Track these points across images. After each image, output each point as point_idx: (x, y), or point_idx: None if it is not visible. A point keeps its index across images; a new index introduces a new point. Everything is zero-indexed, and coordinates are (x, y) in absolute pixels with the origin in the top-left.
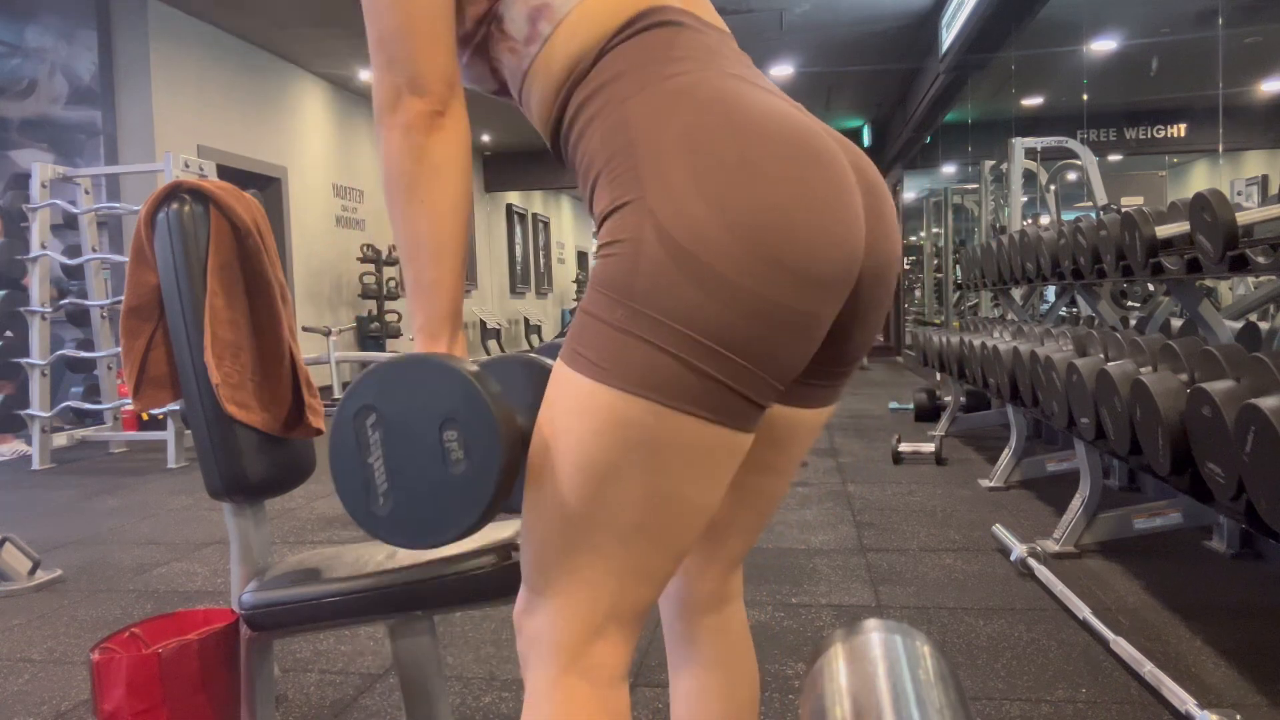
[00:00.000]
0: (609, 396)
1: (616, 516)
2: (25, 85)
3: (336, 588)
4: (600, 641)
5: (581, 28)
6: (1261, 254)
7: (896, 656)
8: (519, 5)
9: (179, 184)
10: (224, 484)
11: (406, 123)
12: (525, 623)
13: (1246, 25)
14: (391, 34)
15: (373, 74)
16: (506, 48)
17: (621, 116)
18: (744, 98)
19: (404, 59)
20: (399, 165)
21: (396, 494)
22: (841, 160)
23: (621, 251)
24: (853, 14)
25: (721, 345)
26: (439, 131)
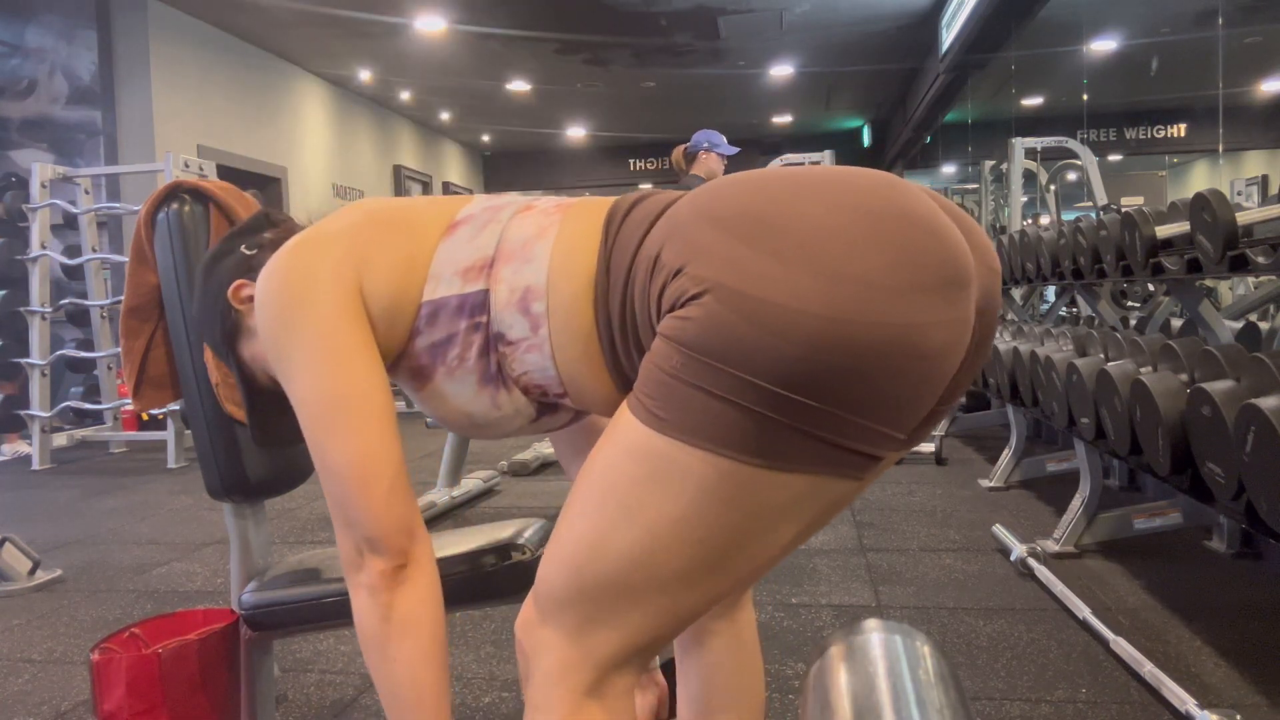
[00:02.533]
0: (667, 446)
1: (662, 564)
2: (25, 85)
3: (336, 588)
4: (621, 669)
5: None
6: (1261, 254)
7: (896, 656)
8: (507, 311)
9: (179, 184)
10: (224, 484)
11: (370, 584)
12: (537, 638)
13: (1246, 25)
14: (345, 497)
15: (335, 531)
16: (523, 351)
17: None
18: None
19: (359, 521)
20: (368, 625)
21: None
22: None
23: (687, 310)
24: (853, 14)
25: (796, 391)
26: (402, 585)
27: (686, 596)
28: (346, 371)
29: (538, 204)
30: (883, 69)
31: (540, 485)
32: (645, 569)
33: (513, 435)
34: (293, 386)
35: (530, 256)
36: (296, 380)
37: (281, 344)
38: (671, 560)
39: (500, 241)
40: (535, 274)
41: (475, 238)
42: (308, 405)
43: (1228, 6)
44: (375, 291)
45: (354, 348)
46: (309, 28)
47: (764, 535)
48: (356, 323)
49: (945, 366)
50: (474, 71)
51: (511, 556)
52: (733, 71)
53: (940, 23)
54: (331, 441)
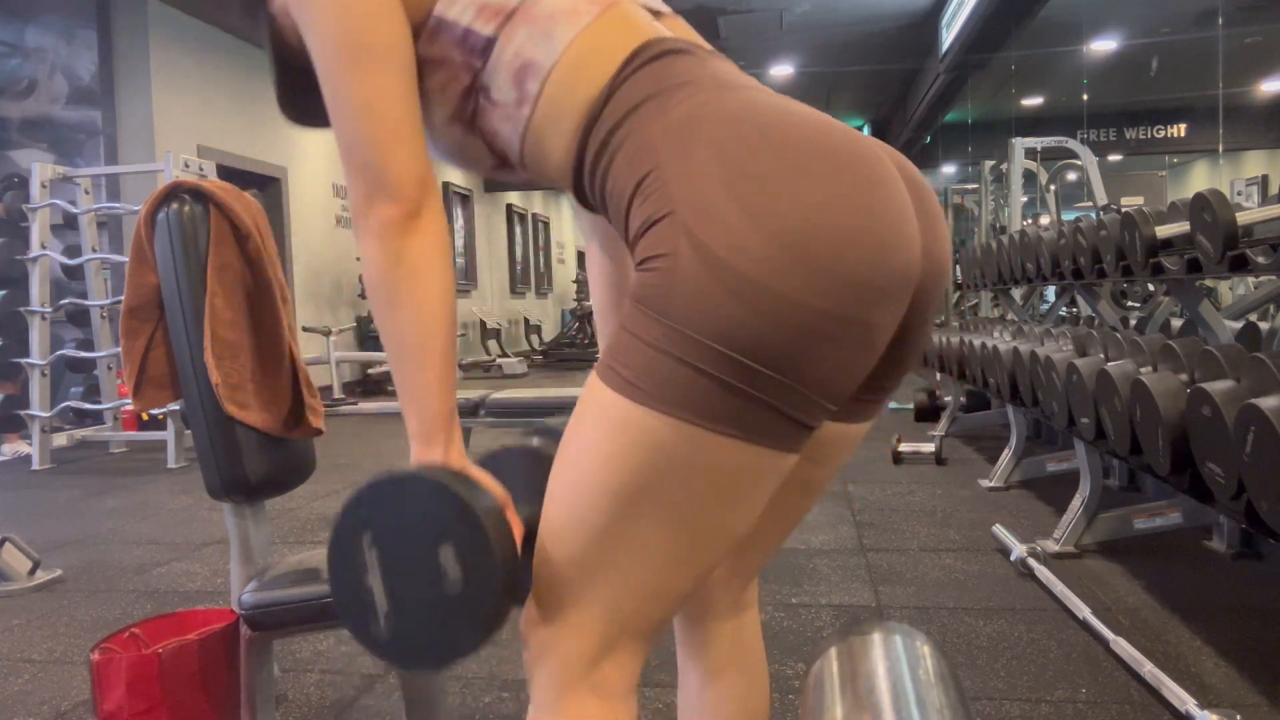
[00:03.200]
0: (642, 416)
1: (642, 537)
2: (25, 85)
3: None
4: (613, 657)
5: (577, 74)
6: (1261, 254)
7: (896, 656)
8: (502, 72)
9: (179, 184)
10: (224, 484)
11: (381, 229)
12: (534, 634)
13: (1246, 25)
14: (359, 141)
15: (345, 179)
16: (499, 115)
17: (646, 141)
18: (771, 103)
19: (374, 165)
20: (377, 272)
21: (398, 616)
22: (886, 160)
23: (658, 267)
24: (853, 14)
25: (763, 363)
26: (414, 235)
27: (671, 573)
28: (370, 16)
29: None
30: (883, 69)
31: None
32: (627, 546)
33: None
34: (311, 26)
35: (550, 33)
36: (318, 19)
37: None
38: (651, 534)
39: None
40: (546, 54)
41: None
42: (326, 45)
43: (1228, 6)
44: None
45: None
46: None
47: (734, 506)
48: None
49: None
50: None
51: None
52: None
53: (940, 23)
54: (347, 81)
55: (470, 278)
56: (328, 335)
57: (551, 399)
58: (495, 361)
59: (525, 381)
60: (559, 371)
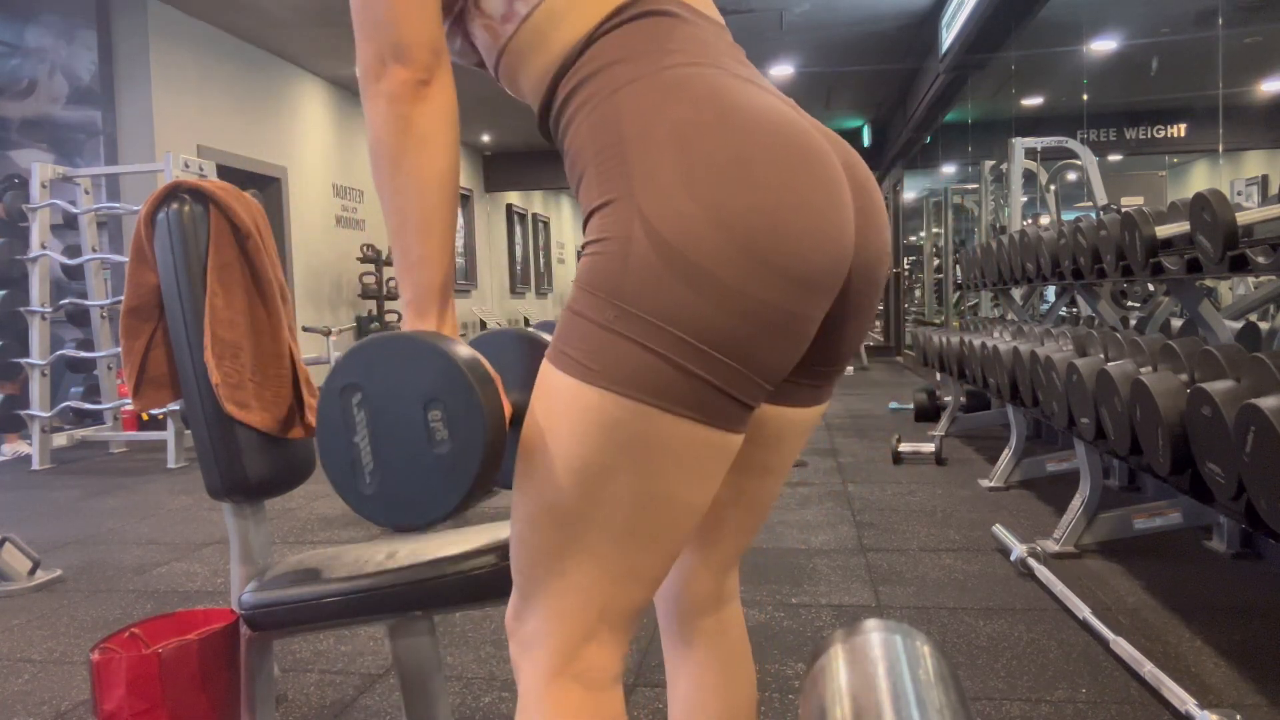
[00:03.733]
0: (597, 397)
1: (606, 518)
2: (25, 85)
3: (336, 588)
4: (592, 644)
5: (566, 11)
6: (1261, 254)
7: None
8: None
9: (179, 184)
10: (224, 484)
11: (391, 91)
12: (517, 627)
13: (1246, 25)
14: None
15: (356, 38)
16: (482, 24)
17: (612, 108)
18: (737, 94)
19: (388, 24)
20: (383, 136)
21: (383, 473)
22: (832, 159)
23: (609, 250)
24: (853, 14)
25: (710, 346)
26: (424, 101)
27: (640, 553)
28: None
29: None
30: (883, 69)
31: None
32: (593, 528)
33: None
34: None
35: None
36: None
37: None
38: (615, 514)
39: None
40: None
41: None
42: None
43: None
44: None
45: None
46: (309, 28)
47: (689, 484)
48: None
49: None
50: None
51: None
52: None
53: (940, 23)
54: None
55: (470, 278)
56: (328, 335)
57: None
58: None
59: None
60: None
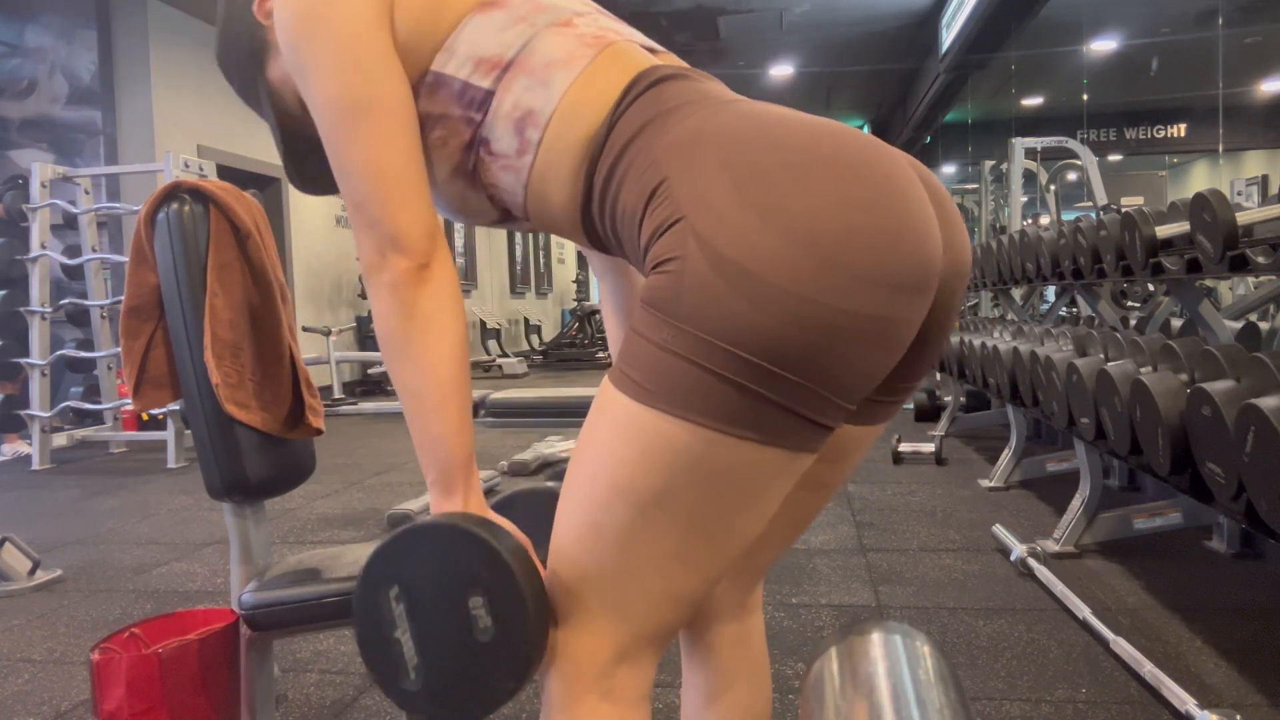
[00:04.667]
0: (653, 419)
1: (655, 542)
2: (25, 85)
3: (336, 588)
4: (628, 663)
5: (576, 116)
6: (1261, 254)
7: (896, 656)
8: (501, 122)
9: (179, 184)
10: (224, 484)
11: (392, 281)
12: None
13: (1246, 25)
14: (366, 197)
15: (355, 236)
16: (500, 167)
17: (651, 159)
18: (771, 111)
19: (382, 220)
20: (390, 323)
21: (428, 668)
22: (899, 159)
23: (668, 269)
24: (853, 14)
25: (774, 363)
26: (425, 284)
27: (684, 577)
28: (370, 74)
29: (577, 23)
30: (883, 69)
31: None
32: (640, 550)
33: (475, 225)
34: (313, 89)
35: (548, 81)
36: (317, 82)
37: (304, 45)
38: (664, 537)
39: (524, 49)
40: (545, 101)
41: (504, 30)
42: (328, 106)
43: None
44: (401, 22)
45: (380, 54)
46: None
47: (747, 509)
48: (383, 33)
49: (895, 355)
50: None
51: None
52: (733, 71)
53: (940, 23)
54: (351, 140)
55: (470, 278)
56: (328, 335)
57: (551, 399)
58: (495, 361)
59: (525, 381)
60: (559, 371)
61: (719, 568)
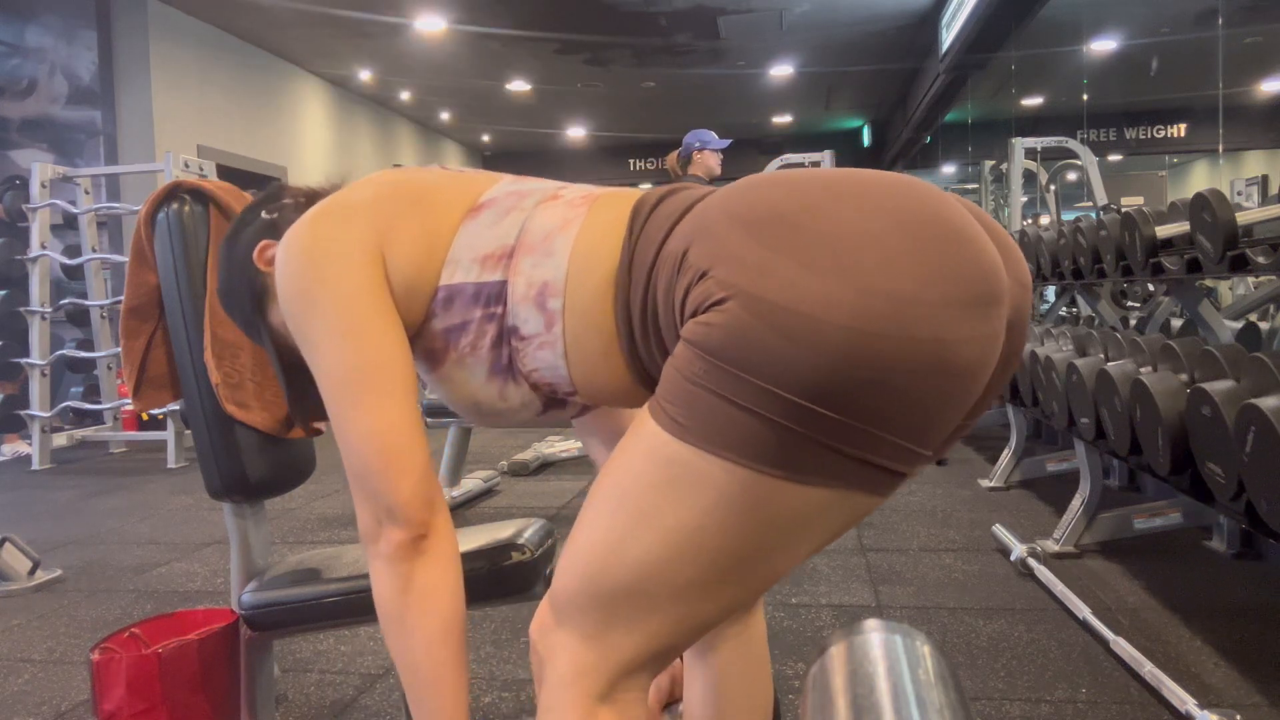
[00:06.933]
0: (688, 454)
1: (677, 572)
2: (25, 85)
3: (336, 588)
4: (634, 676)
5: (589, 265)
6: (1261, 254)
7: (896, 656)
8: (522, 305)
9: (179, 184)
10: (224, 484)
11: (389, 554)
12: (552, 641)
13: (1246, 25)
14: (366, 468)
15: (355, 504)
16: (535, 347)
17: (679, 262)
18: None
19: (381, 492)
20: (386, 597)
21: None
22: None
23: (711, 320)
24: (853, 14)
25: (813, 401)
26: (422, 556)
27: (703, 605)
28: (368, 342)
29: (564, 193)
30: (883, 69)
31: (540, 485)
32: (661, 577)
33: (519, 426)
34: (314, 358)
35: (551, 250)
36: (318, 352)
37: (303, 316)
38: (687, 569)
39: (522, 231)
40: (554, 269)
41: (497, 224)
42: (328, 377)
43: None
44: (396, 267)
45: (376, 318)
46: (309, 28)
47: (782, 547)
48: (379, 294)
49: (974, 383)
50: (474, 71)
51: (511, 557)
52: (733, 71)
53: (940, 23)
54: (352, 413)
55: None
56: None
57: None
58: None
59: None
60: None
61: (741, 600)
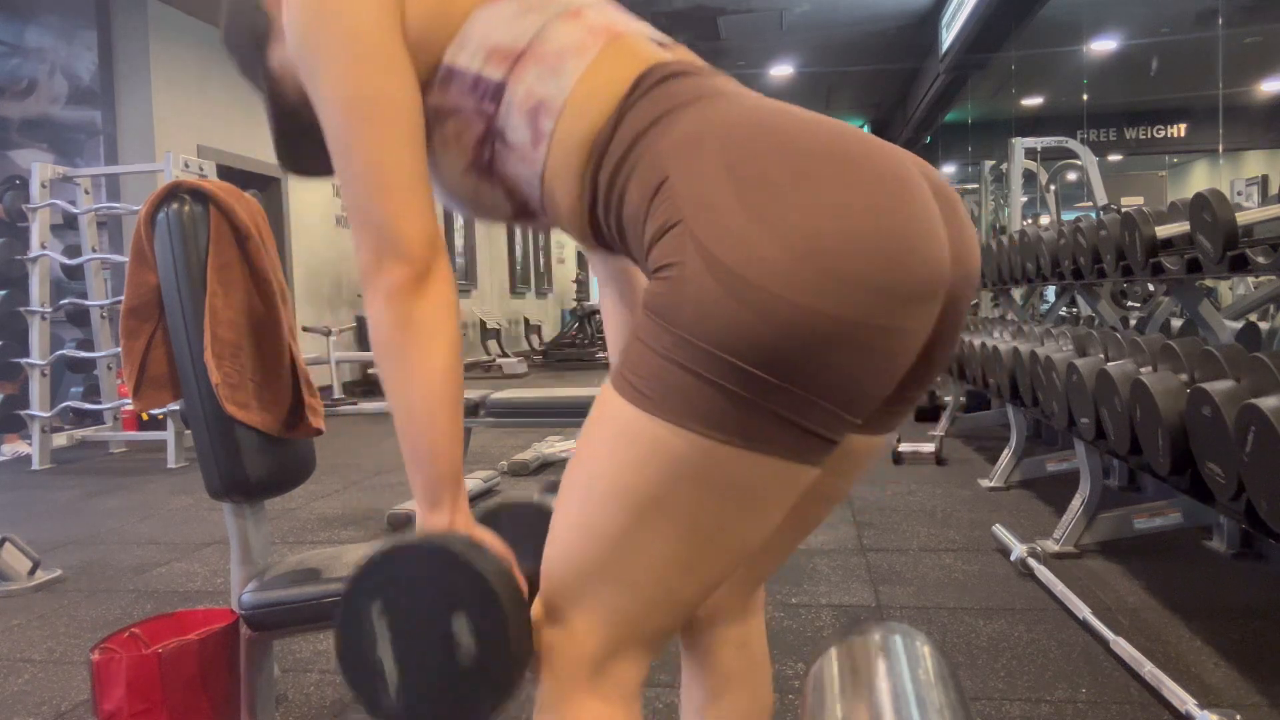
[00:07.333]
0: (651, 425)
1: (652, 547)
2: (25, 85)
3: (336, 588)
4: (618, 662)
5: (586, 108)
6: (1261, 254)
7: (896, 656)
8: (515, 113)
9: (179, 184)
10: (224, 484)
11: (389, 288)
12: (539, 635)
13: (1246, 25)
14: (368, 200)
15: (353, 238)
16: (515, 159)
17: (654, 159)
18: (780, 110)
19: (382, 222)
20: (384, 332)
21: (408, 687)
22: (907, 162)
23: (669, 276)
24: (853, 14)
25: (774, 374)
26: (423, 296)
27: (681, 583)
28: (378, 73)
29: (586, 14)
30: (883, 69)
31: None
32: (636, 554)
33: (489, 222)
34: (319, 86)
35: (559, 70)
36: (324, 77)
37: (311, 38)
38: (659, 543)
39: (536, 37)
40: (557, 91)
41: (515, 20)
42: (333, 105)
43: (1228, 6)
44: (412, 17)
45: (389, 52)
46: None
47: (747, 519)
48: (393, 32)
49: (901, 366)
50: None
51: None
52: (733, 71)
53: (940, 23)
54: (356, 141)
55: (470, 278)
56: (328, 335)
57: (551, 399)
58: (495, 361)
59: (525, 381)
60: (559, 371)
61: (718, 575)
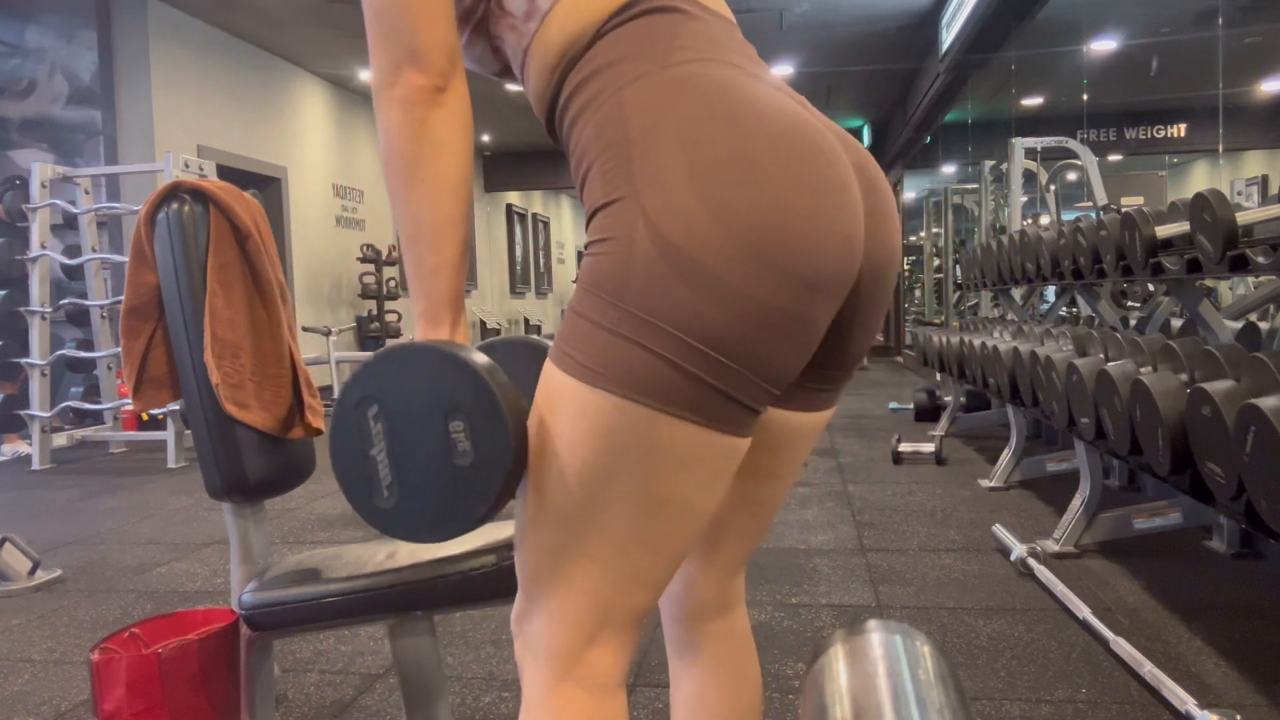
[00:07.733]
0: (599, 400)
1: (608, 520)
2: (25, 85)
3: (336, 588)
4: (596, 648)
5: (574, 9)
6: (1261, 254)
7: (896, 656)
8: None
9: (179, 184)
10: (224, 484)
11: (406, 98)
12: (521, 628)
13: (1246, 25)
14: (390, 3)
15: (370, 46)
16: (507, 24)
17: (617, 105)
18: (745, 91)
19: (403, 30)
20: (398, 143)
21: (401, 487)
22: (843, 158)
23: (612, 250)
24: (853, 14)
25: (713, 349)
26: (440, 107)
27: (643, 557)
28: None
29: None
30: (883, 69)
31: None
32: (595, 530)
33: (476, 71)
34: None
35: None
36: None
37: None
38: (617, 517)
39: None
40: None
41: None
42: None
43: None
44: None
45: None
46: (309, 28)
47: (694, 488)
48: None
49: (809, 349)
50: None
51: (511, 556)
52: None
53: (940, 23)
54: None
55: (470, 277)
56: (328, 335)
57: None
58: None
59: None
60: None
61: (677, 547)
